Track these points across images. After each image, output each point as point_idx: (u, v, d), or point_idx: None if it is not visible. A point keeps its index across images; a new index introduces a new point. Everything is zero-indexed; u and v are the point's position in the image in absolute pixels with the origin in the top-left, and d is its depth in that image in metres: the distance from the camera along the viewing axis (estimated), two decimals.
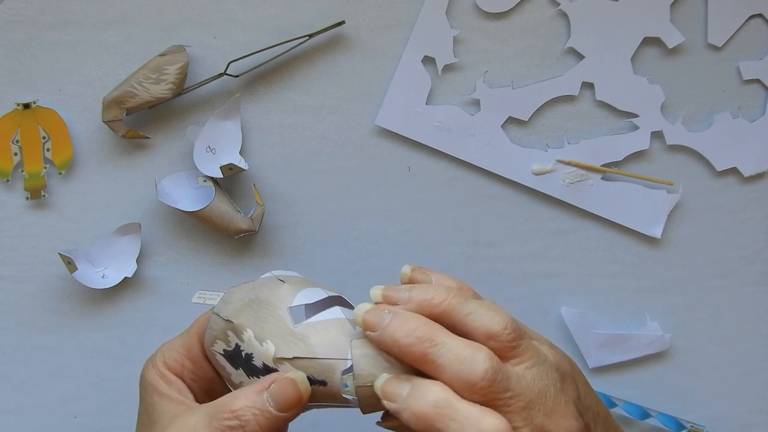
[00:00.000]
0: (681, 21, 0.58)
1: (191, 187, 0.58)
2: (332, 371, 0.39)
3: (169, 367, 0.43)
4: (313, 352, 0.39)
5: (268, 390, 0.39)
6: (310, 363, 0.39)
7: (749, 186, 0.60)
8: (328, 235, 0.60)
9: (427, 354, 0.37)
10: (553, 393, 0.39)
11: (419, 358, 0.38)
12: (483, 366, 0.37)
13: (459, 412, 0.36)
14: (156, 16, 0.58)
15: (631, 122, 0.59)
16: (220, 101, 0.59)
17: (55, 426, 0.61)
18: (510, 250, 0.60)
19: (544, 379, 0.39)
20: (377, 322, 0.39)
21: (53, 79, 0.58)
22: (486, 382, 0.37)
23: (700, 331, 0.61)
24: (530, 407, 0.38)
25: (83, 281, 0.57)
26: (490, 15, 0.58)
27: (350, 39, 0.59)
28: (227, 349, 0.41)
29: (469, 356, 0.37)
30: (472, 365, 0.37)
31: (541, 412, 0.38)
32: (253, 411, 0.38)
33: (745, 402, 0.61)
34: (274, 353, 0.40)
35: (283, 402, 0.39)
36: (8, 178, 0.59)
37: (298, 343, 0.40)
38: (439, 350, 0.37)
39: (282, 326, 0.40)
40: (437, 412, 0.36)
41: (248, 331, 0.40)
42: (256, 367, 0.40)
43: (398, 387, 0.38)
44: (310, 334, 0.40)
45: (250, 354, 0.40)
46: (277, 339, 0.40)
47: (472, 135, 0.59)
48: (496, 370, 0.37)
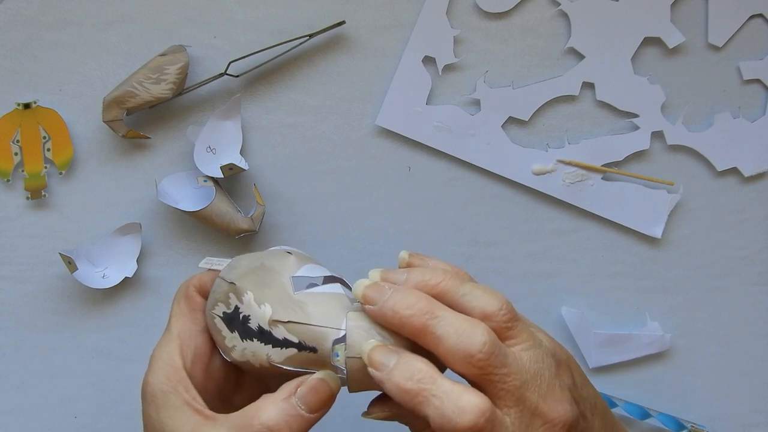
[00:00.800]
0: (681, 21, 0.58)
1: (191, 187, 0.58)
2: (324, 339, 0.40)
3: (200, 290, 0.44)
4: (308, 318, 0.40)
5: (296, 394, 0.39)
6: (304, 329, 0.40)
7: (749, 186, 0.60)
8: (328, 235, 0.60)
9: (427, 325, 0.38)
10: (548, 377, 0.39)
11: (419, 330, 0.38)
12: (481, 339, 0.37)
13: (441, 388, 0.37)
14: (156, 16, 0.58)
15: (632, 122, 0.59)
16: (220, 101, 0.59)
17: (56, 426, 0.61)
18: (510, 250, 0.60)
19: (540, 362, 0.39)
20: (377, 297, 0.39)
21: (53, 79, 0.58)
22: (484, 354, 0.37)
23: (701, 331, 0.61)
24: (525, 387, 0.38)
25: (83, 281, 0.57)
26: (490, 15, 0.58)
27: (350, 39, 0.59)
28: (226, 311, 0.42)
29: (468, 329, 0.38)
30: (470, 337, 0.37)
31: (536, 394, 0.38)
32: (284, 418, 0.38)
33: (746, 402, 0.61)
34: (270, 315, 0.40)
35: (316, 402, 0.39)
36: (8, 178, 0.59)
37: (296, 309, 0.40)
38: (439, 322, 0.38)
39: (282, 292, 0.41)
40: (420, 386, 0.37)
41: (249, 293, 0.41)
42: (251, 330, 0.41)
43: (386, 357, 0.38)
44: (308, 302, 0.40)
45: (247, 316, 0.41)
46: (275, 303, 0.40)
47: (473, 135, 0.59)
48: (493, 344, 0.37)
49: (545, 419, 0.38)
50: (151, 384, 0.42)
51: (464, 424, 0.36)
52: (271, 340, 0.40)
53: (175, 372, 0.42)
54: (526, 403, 0.38)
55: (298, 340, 0.40)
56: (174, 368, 0.42)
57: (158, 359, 0.42)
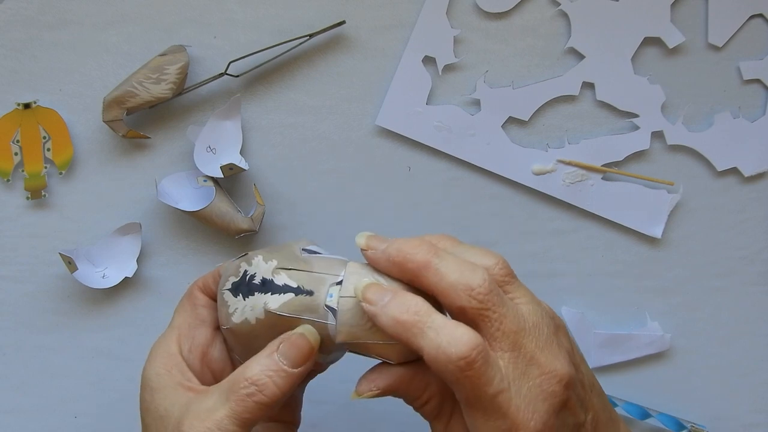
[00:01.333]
0: (681, 21, 0.58)
1: (191, 187, 0.58)
2: (322, 283, 0.41)
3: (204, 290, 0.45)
4: (311, 268, 0.42)
5: (278, 350, 0.40)
6: (305, 275, 0.41)
7: (749, 186, 0.60)
8: (328, 235, 0.60)
9: (431, 261, 0.39)
10: (546, 332, 0.39)
11: (423, 265, 0.39)
12: (482, 275, 0.38)
13: (436, 321, 0.37)
14: (156, 16, 0.58)
15: (632, 122, 0.59)
16: (220, 101, 0.59)
17: (55, 426, 0.61)
18: (510, 250, 0.60)
19: (538, 317, 0.39)
20: (379, 244, 0.41)
21: (53, 79, 0.58)
22: (484, 289, 0.38)
23: (701, 331, 0.61)
24: (522, 334, 0.38)
25: (83, 281, 0.57)
26: (490, 15, 0.58)
27: (351, 39, 0.59)
28: (235, 280, 0.43)
29: (470, 267, 0.39)
30: (472, 273, 0.38)
31: (534, 343, 0.38)
32: (267, 373, 0.39)
33: (746, 402, 0.61)
34: (275, 265, 0.42)
35: (296, 356, 0.40)
36: (8, 178, 0.59)
37: (300, 263, 0.42)
38: (442, 260, 0.39)
39: (291, 254, 0.43)
40: (416, 318, 0.38)
41: (259, 256, 0.43)
42: (254, 285, 0.42)
43: (380, 293, 0.39)
44: (314, 261, 0.42)
45: (253, 274, 0.42)
46: (282, 259, 0.42)
47: (473, 135, 0.59)
48: (493, 283, 0.39)
49: (542, 370, 0.38)
50: (147, 370, 0.43)
51: (458, 354, 0.36)
52: (271, 288, 0.41)
53: (171, 358, 0.43)
54: (522, 350, 0.38)
55: (296, 285, 0.41)
56: (170, 354, 0.43)
57: (156, 348, 0.44)
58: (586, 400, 0.41)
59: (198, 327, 0.45)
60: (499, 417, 0.37)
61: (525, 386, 0.38)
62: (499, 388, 0.37)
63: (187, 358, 0.44)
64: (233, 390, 0.39)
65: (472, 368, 0.36)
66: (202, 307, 0.46)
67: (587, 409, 0.41)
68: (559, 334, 0.40)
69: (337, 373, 0.48)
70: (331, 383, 0.46)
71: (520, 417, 0.37)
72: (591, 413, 0.41)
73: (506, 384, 0.37)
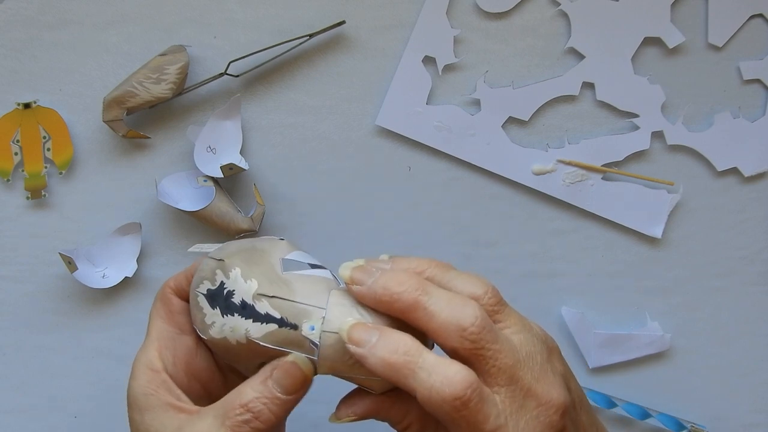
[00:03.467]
0: (681, 21, 0.58)
1: (191, 187, 0.58)
2: (306, 316, 0.39)
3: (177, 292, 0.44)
4: (293, 296, 0.40)
5: (272, 377, 0.39)
6: (288, 305, 0.40)
7: (749, 186, 0.60)
8: (328, 235, 0.60)
9: (419, 300, 0.38)
10: (539, 361, 0.38)
11: (410, 305, 0.38)
12: (473, 312, 0.37)
13: (427, 361, 0.37)
14: (156, 16, 0.58)
15: (632, 122, 0.59)
16: (220, 101, 0.59)
17: (55, 426, 0.61)
18: (510, 250, 0.60)
19: (531, 345, 0.39)
20: (365, 277, 0.39)
21: (53, 79, 0.58)
22: (476, 327, 0.37)
23: (701, 331, 0.61)
24: (518, 367, 0.37)
25: (83, 281, 0.57)
26: (490, 15, 0.58)
27: (351, 39, 0.59)
28: (211, 288, 0.41)
29: (461, 303, 0.38)
30: (463, 311, 0.37)
31: (529, 375, 0.38)
32: (262, 400, 0.39)
33: (746, 402, 0.61)
34: (256, 289, 0.40)
35: (290, 385, 0.39)
36: (9, 178, 0.59)
37: (281, 286, 0.40)
38: (431, 297, 0.38)
39: (270, 270, 0.41)
40: (406, 359, 0.37)
41: (236, 269, 0.41)
42: (233, 304, 0.40)
43: (367, 333, 0.38)
44: (295, 281, 0.40)
45: (232, 291, 0.41)
46: (262, 278, 0.40)
47: (473, 135, 0.59)
48: (486, 320, 0.37)
49: (539, 401, 0.38)
50: (133, 388, 0.42)
51: (452, 394, 0.36)
52: (253, 314, 0.40)
53: (156, 375, 0.42)
54: (519, 383, 0.37)
55: (280, 316, 0.40)
56: (154, 371, 0.42)
57: (139, 364, 0.43)
58: (578, 420, 0.41)
59: (178, 337, 0.44)
60: None
61: (522, 419, 0.37)
62: (496, 425, 0.36)
63: (172, 372, 0.42)
64: (228, 416, 0.39)
65: (468, 407, 0.36)
66: (178, 314, 0.44)
67: (578, 430, 0.41)
68: (552, 359, 0.40)
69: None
70: (331, 383, 0.46)
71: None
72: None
73: (503, 420, 0.37)
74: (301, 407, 0.46)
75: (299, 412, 0.48)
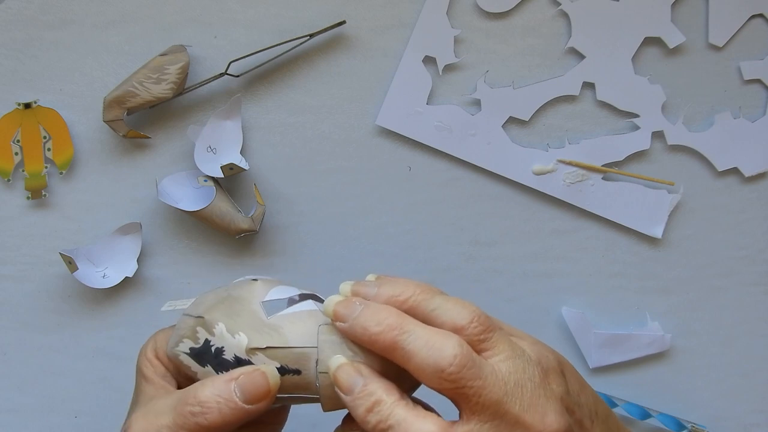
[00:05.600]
0: (682, 21, 0.58)
1: (192, 187, 0.58)
2: (306, 359, 0.39)
3: (158, 356, 0.43)
4: (286, 341, 0.39)
5: (237, 380, 0.39)
6: (284, 352, 0.39)
7: (750, 186, 0.60)
8: (328, 235, 0.60)
9: (397, 341, 0.38)
10: (531, 387, 0.38)
11: (389, 346, 0.38)
12: (452, 351, 0.37)
13: (395, 418, 0.37)
14: (157, 16, 0.58)
15: (632, 122, 0.59)
16: (220, 101, 0.59)
17: (56, 425, 0.61)
18: (510, 250, 0.60)
19: (520, 373, 0.38)
20: (347, 314, 0.39)
21: (54, 79, 0.58)
22: (455, 368, 0.36)
23: (701, 331, 0.61)
24: (504, 400, 0.37)
25: (84, 281, 0.57)
26: (490, 15, 0.58)
27: (351, 39, 0.59)
28: (194, 347, 0.41)
29: (439, 342, 0.37)
30: (441, 351, 0.37)
31: (518, 405, 0.37)
32: (217, 399, 0.39)
33: (746, 402, 0.61)
34: (246, 344, 0.39)
35: (251, 394, 0.39)
36: (9, 178, 0.59)
37: (272, 333, 0.40)
38: (408, 337, 0.38)
39: (255, 319, 0.40)
40: (378, 418, 0.37)
41: (220, 324, 0.40)
42: (227, 361, 0.40)
43: (351, 380, 0.38)
44: (283, 324, 0.40)
45: (221, 348, 0.40)
46: (249, 330, 0.40)
47: (473, 135, 0.59)
48: (466, 357, 0.37)
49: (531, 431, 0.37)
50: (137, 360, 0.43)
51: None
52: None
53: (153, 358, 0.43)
54: (505, 417, 0.37)
55: (279, 365, 0.39)
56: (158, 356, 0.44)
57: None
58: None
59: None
60: None
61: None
62: None
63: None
64: (182, 402, 0.39)
65: None
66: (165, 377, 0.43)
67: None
68: (548, 381, 0.39)
69: None
70: None
71: None
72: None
73: None
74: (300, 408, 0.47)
75: (299, 412, 0.48)
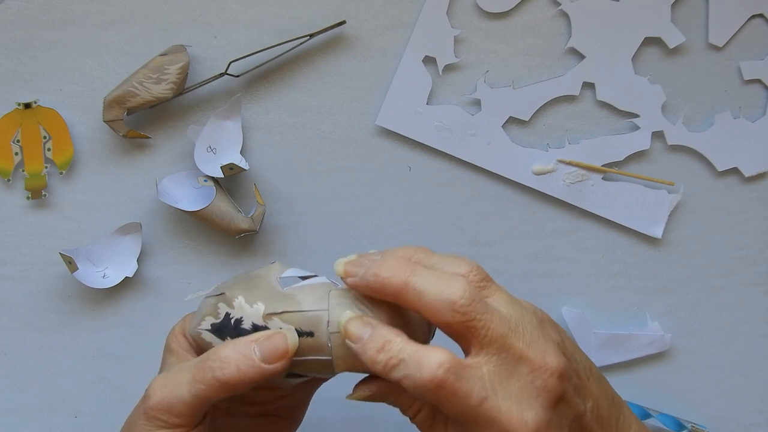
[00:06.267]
0: (682, 21, 0.58)
1: (192, 187, 0.58)
2: (319, 321, 0.41)
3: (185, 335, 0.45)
4: (299, 306, 0.41)
5: (257, 342, 0.40)
6: (297, 316, 0.41)
7: (750, 186, 0.60)
8: (328, 235, 0.60)
9: (408, 282, 0.39)
10: (530, 329, 0.39)
11: (400, 287, 0.39)
12: (461, 286, 0.38)
13: (406, 351, 0.38)
14: (157, 16, 0.58)
15: (632, 122, 0.59)
16: (220, 101, 0.59)
17: (56, 425, 0.61)
18: (510, 250, 0.60)
19: (519, 316, 0.39)
20: (357, 269, 0.41)
21: (54, 79, 0.58)
22: (466, 300, 0.38)
23: (701, 331, 0.61)
24: (509, 334, 0.38)
25: (84, 281, 0.57)
26: (490, 15, 0.58)
27: (351, 39, 0.58)
28: (215, 322, 0.42)
29: (448, 280, 0.39)
30: (451, 287, 0.38)
31: (521, 341, 0.38)
32: (236, 357, 0.40)
33: (746, 402, 0.61)
34: (264, 310, 0.41)
35: (269, 352, 0.40)
36: (9, 178, 0.59)
37: (287, 301, 0.41)
38: (419, 278, 0.39)
39: (272, 290, 0.42)
40: (389, 355, 0.38)
41: (239, 297, 0.42)
42: (245, 330, 0.42)
43: (360, 330, 0.39)
44: (297, 293, 0.42)
45: (240, 319, 0.42)
46: (266, 300, 0.42)
47: (473, 135, 0.59)
48: (474, 292, 0.38)
49: (532, 366, 0.38)
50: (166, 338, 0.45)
51: (425, 377, 0.37)
52: None
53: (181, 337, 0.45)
54: (510, 351, 0.38)
55: (294, 328, 0.41)
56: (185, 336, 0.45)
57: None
58: (584, 388, 0.41)
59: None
60: (491, 424, 0.37)
61: (515, 386, 0.38)
62: (480, 397, 0.37)
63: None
64: (202, 360, 0.40)
65: (445, 387, 0.37)
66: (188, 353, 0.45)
67: (586, 398, 0.41)
68: (545, 327, 0.40)
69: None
70: (331, 385, 0.46)
71: (514, 419, 0.37)
72: (591, 401, 0.41)
73: (489, 390, 0.37)
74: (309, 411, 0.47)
75: None
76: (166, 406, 0.40)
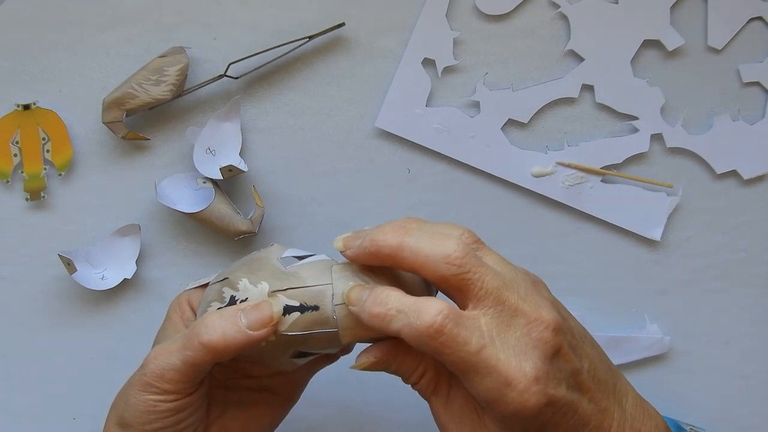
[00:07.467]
0: (681, 23, 0.58)
1: (191, 189, 0.58)
2: (323, 295, 0.42)
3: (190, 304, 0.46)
4: (303, 282, 0.42)
5: (243, 310, 0.41)
6: (302, 291, 0.42)
7: (749, 189, 0.60)
8: (328, 237, 0.59)
9: (404, 241, 0.40)
10: (524, 286, 0.40)
11: (397, 247, 0.40)
12: (455, 242, 0.39)
13: (405, 303, 0.39)
14: (156, 18, 0.58)
15: (631, 125, 0.59)
16: (220, 103, 0.59)
17: (55, 427, 0.61)
18: (509, 252, 0.60)
19: (513, 273, 0.41)
20: (355, 241, 0.42)
21: (53, 80, 0.58)
22: (460, 253, 0.39)
23: (700, 333, 0.61)
24: (504, 289, 0.39)
25: (83, 282, 0.57)
26: (490, 17, 0.58)
27: (350, 41, 0.59)
28: (221, 306, 0.43)
29: (441, 236, 0.40)
30: (446, 242, 0.39)
31: (516, 295, 0.39)
32: (222, 323, 0.41)
33: (745, 404, 0.61)
34: (267, 289, 0.42)
35: (255, 319, 0.41)
36: (8, 179, 0.59)
37: (290, 278, 0.42)
38: (413, 238, 0.40)
39: (274, 270, 0.43)
40: (387, 308, 0.39)
41: (243, 280, 0.43)
42: None
43: (360, 293, 0.40)
44: (300, 270, 0.43)
45: (245, 299, 0.43)
46: (270, 279, 0.43)
47: (472, 137, 0.59)
48: (468, 246, 0.40)
49: (528, 319, 0.39)
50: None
51: (424, 324, 0.37)
52: None
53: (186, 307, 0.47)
54: (505, 303, 0.39)
55: (299, 303, 0.41)
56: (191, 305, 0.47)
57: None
58: (579, 348, 0.41)
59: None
60: (490, 372, 0.38)
61: (512, 337, 0.38)
62: (479, 345, 0.38)
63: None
64: (191, 327, 0.42)
65: (444, 333, 0.37)
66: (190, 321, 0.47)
67: (582, 358, 0.41)
68: (538, 287, 0.42)
69: (334, 375, 0.48)
70: (328, 386, 0.46)
71: (512, 368, 0.38)
72: (587, 362, 0.41)
73: (487, 339, 0.38)
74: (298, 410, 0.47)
75: (297, 415, 0.48)
76: (159, 373, 0.41)
